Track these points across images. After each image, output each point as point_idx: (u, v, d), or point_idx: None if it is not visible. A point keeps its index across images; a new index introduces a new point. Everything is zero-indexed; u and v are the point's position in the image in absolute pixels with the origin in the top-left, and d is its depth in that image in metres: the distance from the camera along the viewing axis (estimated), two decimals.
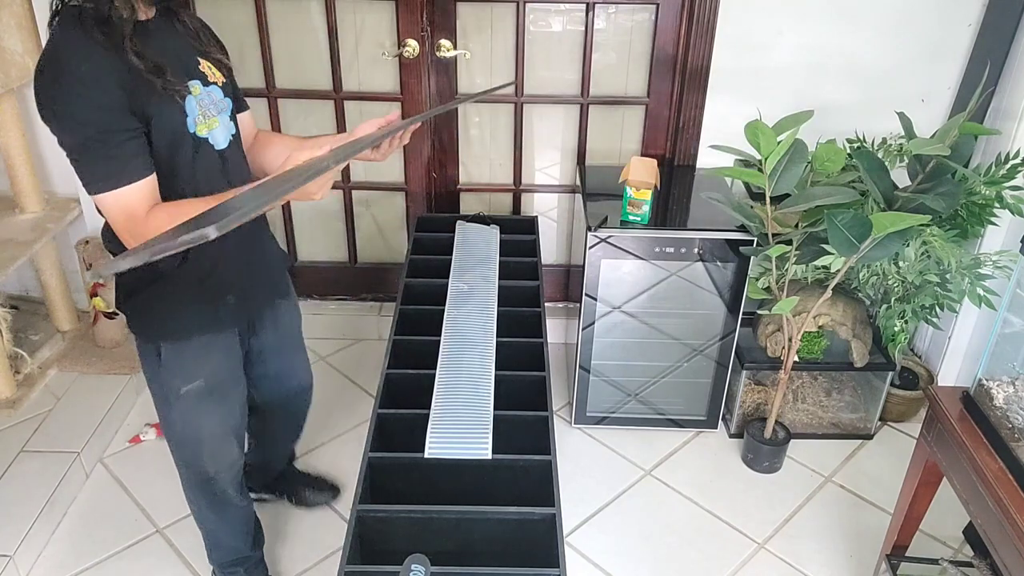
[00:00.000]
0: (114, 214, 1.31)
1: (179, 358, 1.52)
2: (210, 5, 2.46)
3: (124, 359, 2.58)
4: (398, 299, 2.13)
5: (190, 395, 1.55)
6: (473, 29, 2.49)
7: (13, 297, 2.76)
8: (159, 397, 1.59)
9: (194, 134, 1.39)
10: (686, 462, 2.40)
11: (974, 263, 2.14)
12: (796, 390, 2.52)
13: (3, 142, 2.37)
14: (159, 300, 1.47)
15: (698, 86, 2.44)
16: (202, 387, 1.55)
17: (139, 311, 1.49)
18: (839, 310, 2.29)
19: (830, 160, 1.97)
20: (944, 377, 2.56)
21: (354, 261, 2.89)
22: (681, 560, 2.07)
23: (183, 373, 1.53)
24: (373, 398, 1.83)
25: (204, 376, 1.55)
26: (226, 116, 1.47)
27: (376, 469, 1.61)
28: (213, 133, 1.43)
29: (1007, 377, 1.59)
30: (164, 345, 1.50)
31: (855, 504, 2.26)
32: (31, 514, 2.03)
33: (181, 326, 1.50)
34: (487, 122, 2.66)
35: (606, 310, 2.33)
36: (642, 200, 2.17)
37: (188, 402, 1.56)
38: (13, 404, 2.37)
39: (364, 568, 1.41)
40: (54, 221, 2.46)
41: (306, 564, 2.04)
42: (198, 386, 1.55)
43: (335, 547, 2.07)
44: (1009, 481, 1.45)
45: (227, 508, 1.78)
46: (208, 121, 1.42)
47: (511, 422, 1.69)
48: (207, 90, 1.43)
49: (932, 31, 2.34)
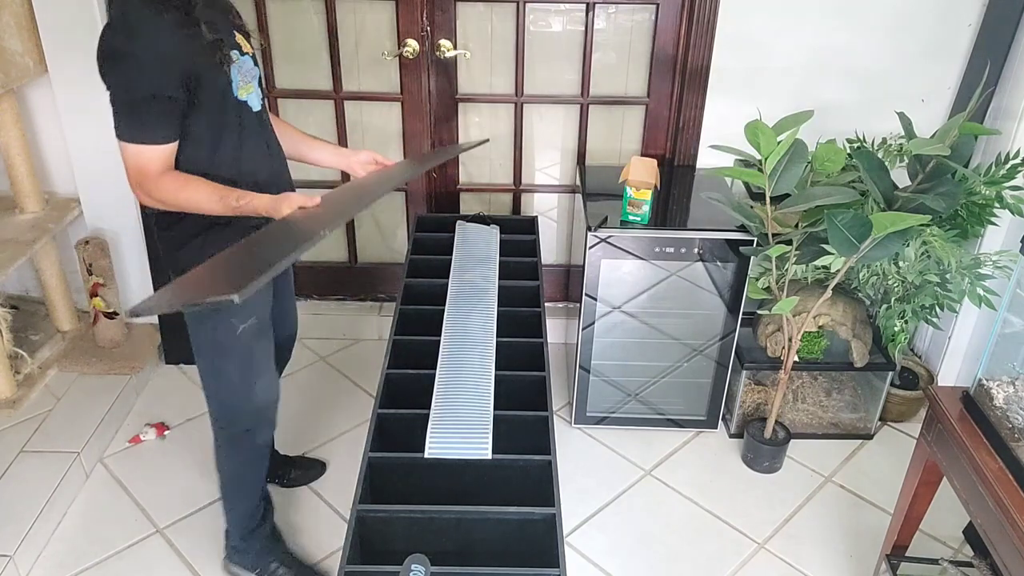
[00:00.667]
0: (130, 163, 1.48)
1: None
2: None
3: (124, 359, 2.58)
4: (398, 299, 2.13)
5: (247, 333, 1.67)
6: (473, 29, 2.50)
7: (13, 297, 2.75)
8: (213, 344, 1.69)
9: (237, 97, 1.56)
10: (686, 462, 2.40)
11: (974, 263, 2.14)
12: (796, 390, 2.52)
13: (3, 142, 2.37)
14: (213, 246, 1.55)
15: (698, 86, 2.44)
16: (255, 324, 1.69)
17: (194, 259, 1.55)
18: (839, 310, 2.29)
19: (830, 160, 1.97)
20: (944, 377, 2.56)
21: (354, 261, 2.89)
22: (681, 560, 2.07)
23: (240, 312, 1.65)
24: (373, 398, 1.83)
25: (256, 313, 1.68)
26: (256, 83, 1.63)
27: (376, 469, 1.61)
28: (250, 97, 1.59)
29: (1007, 377, 1.59)
30: None
31: (855, 504, 2.26)
32: (31, 514, 2.03)
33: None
34: (487, 122, 2.66)
35: (606, 310, 2.33)
36: (642, 200, 2.17)
37: (246, 339, 1.68)
38: (13, 404, 2.37)
39: (364, 568, 1.41)
40: (54, 221, 2.46)
41: None
42: (252, 323, 1.68)
43: (335, 547, 2.08)
44: (1009, 481, 1.45)
45: (262, 459, 1.88)
46: (246, 86, 1.58)
47: (511, 422, 1.69)
48: (243, 59, 1.58)
49: (932, 31, 2.34)
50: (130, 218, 2.54)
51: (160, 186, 1.48)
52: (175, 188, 1.48)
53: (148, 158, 1.47)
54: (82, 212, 2.56)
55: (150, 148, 1.47)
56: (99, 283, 2.51)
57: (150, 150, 1.47)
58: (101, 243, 2.50)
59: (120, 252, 2.60)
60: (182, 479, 2.27)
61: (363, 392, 2.64)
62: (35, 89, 2.43)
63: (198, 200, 1.50)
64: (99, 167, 2.46)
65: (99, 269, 2.50)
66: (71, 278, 2.65)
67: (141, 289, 2.66)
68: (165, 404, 2.56)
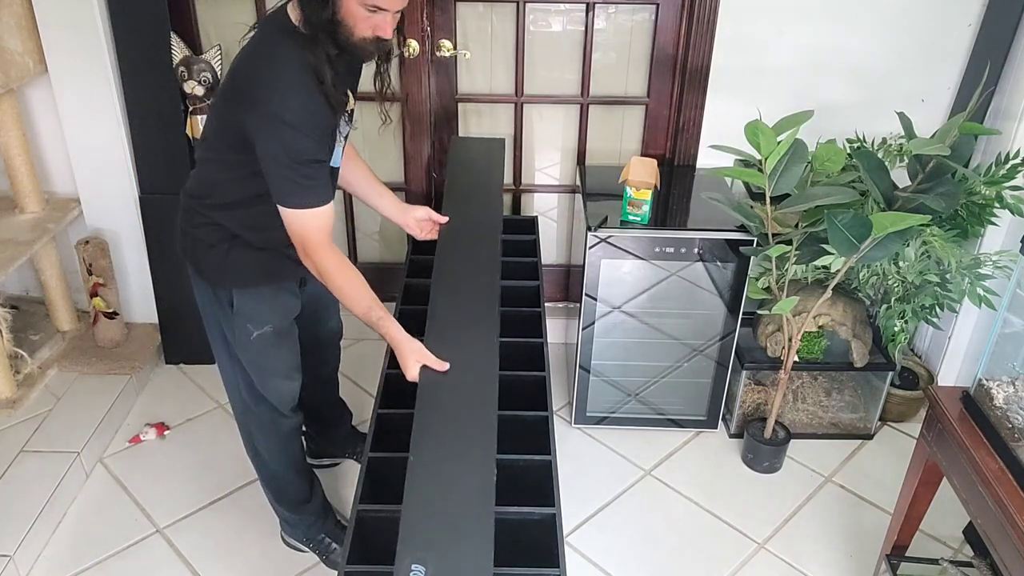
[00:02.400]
0: (308, 227, 1.51)
1: (250, 304, 1.68)
2: (210, 5, 2.46)
3: (124, 359, 2.58)
4: (398, 299, 2.13)
5: (261, 339, 1.71)
6: (473, 29, 2.50)
7: (13, 297, 2.76)
8: (229, 343, 1.73)
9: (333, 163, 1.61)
10: (686, 462, 2.40)
11: (974, 263, 2.14)
12: (796, 390, 2.52)
13: (3, 142, 2.37)
14: (238, 255, 1.64)
15: (698, 86, 2.44)
16: (270, 332, 1.72)
17: (217, 263, 1.64)
18: (839, 310, 2.29)
19: (830, 160, 1.97)
20: (944, 377, 2.56)
21: (354, 261, 2.89)
22: (681, 560, 2.07)
23: (255, 318, 1.69)
24: (373, 398, 1.83)
25: (272, 323, 1.72)
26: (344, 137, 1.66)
27: (376, 469, 1.61)
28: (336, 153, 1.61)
29: (1007, 377, 1.59)
30: (237, 292, 1.66)
31: (855, 504, 2.26)
32: (31, 514, 2.03)
33: (254, 276, 1.66)
34: (487, 122, 2.66)
35: (606, 310, 2.33)
36: (642, 200, 2.17)
37: (259, 345, 1.72)
38: (13, 404, 2.37)
39: (364, 568, 1.41)
40: (54, 221, 2.46)
41: (306, 564, 2.04)
42: (267, 331, 1.71)
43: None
44: (1009, 481, 1.45)
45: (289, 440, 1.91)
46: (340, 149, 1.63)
47: (511, 422, 1.69)
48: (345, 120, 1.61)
49: (932, 31, 2.34)
50: (130, 218, 2.54)
51: (324, 255, 1.53)
52: (334, 266, 1.54)
53: (324, 219, 1.52)
54: (82, 212, 2.56)
55: (323, 210, 1.51)
56: (99, 283, 2.51)
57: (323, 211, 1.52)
58: (101, 243, 2.50)
59: (120, 252, 2.60)
60: (182, 479, 2.28)
61: (363, 392, 2.64)
62: (35, 89, 2.43)
63: (349, 291, 1.55)
64: (99, 167, 2.46)
65: (99, 269, 2.50)
66: (71, 278, 2.65)
67: (141, 289, 2.66)
68: (165, 404, 2.56)
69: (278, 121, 1.42)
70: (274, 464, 1.92)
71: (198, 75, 2.36)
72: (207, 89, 2.39)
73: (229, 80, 1.53)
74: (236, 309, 1.67)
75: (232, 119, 1.49)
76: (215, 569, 2.02)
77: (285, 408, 1.85)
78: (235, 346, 1.73)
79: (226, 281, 1.66)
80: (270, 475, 1.95)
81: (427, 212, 1.95)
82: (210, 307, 1.72)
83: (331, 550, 2.02)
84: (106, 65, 2.31)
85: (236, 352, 1.74)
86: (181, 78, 2.36)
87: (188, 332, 2.67)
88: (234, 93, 1.49)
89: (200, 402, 2.57)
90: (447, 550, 1.21)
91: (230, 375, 1.81)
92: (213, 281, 1.67)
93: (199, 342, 2.69)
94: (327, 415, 2.27)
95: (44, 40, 2.29)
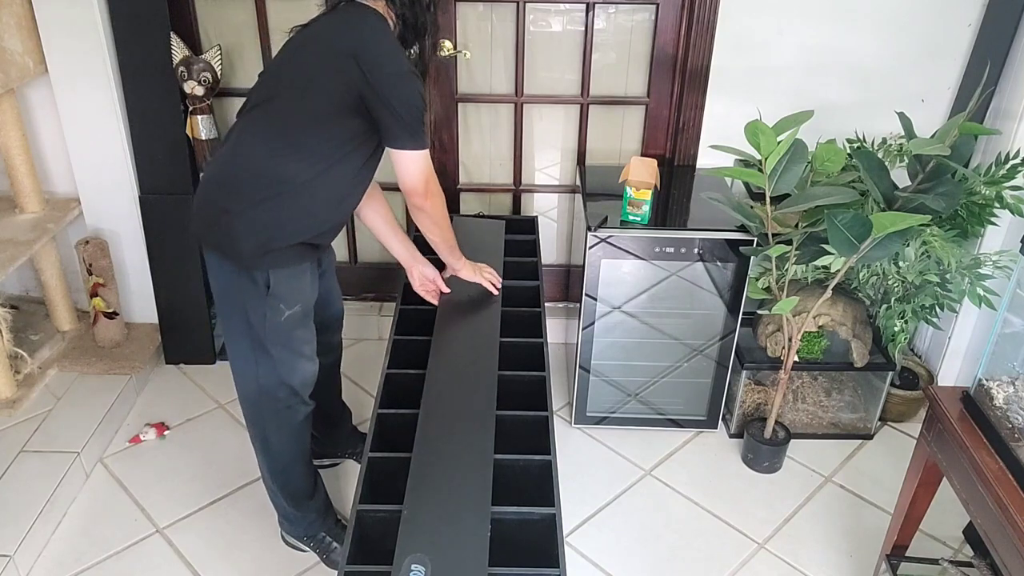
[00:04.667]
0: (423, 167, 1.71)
1: (287, 283, 1.72)
2: (210, 5, 2.46)
3: (124, 359, 2.58)
4: (398, 299, 2.13)
5: (291, 319, 1.75)
6: (473, 29, 2.50)
7: (13, 297, 2.76)
8: (259, 326, 1.74)
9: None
10: (686, 462, 2.40)
11: (974, 263, 2.14)
12: (796, 390, 2.52)
13: (3, 142, 2.37)
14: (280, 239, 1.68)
15: (698, 86, 2.44)
16: (299, 312, 1.76)
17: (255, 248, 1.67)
18: (839, 310, 2.29)
19: (830, 160, 1.97)
20: (944, 377, 2.56)
21: (354, 261, 2.89)
22: (681, 560, 2.07)
23: (288, 298, 1.73)
24: (373, 398, 1.83)
25: (302, 302, 1.77)
26: None
27: (376, 469, 1.61)
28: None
29: (1007, 377, 1.59)
30: (274, 272, 1.69)
31: (855, 504, 2.26)
32: (31, 514, 2.03)
33: (293, 257, 1.72)
34: (487, 122, 2.66)
35: (606, 310, 2.33)
36: (642, 200, 2.17)
37: (289, 325, 1.75)
38: (13, 404, 2.37)
39: (364, 568, 1.41)
40: (54, 221, 2.46)
41: (306, 564, 2.04)
42: (297, 311, 1.76)
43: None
44: (1009, 481, 1.45)
45: (301, 434, 1.91)
46: None
47: (511, 422, 1.69)
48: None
49: (932, 31, 2.34)
50: (130, 218, 2.54)
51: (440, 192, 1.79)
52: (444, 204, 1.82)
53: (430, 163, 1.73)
54: (82, 212, 2.56)
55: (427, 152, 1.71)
56: (99, 283, 2.51)
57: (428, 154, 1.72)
58: (101, 243, 2.50)
59: (120, 252, 2.60)
60: (182, 479, 2.28)
61: (363, 392, 2.64)
62: (35, 89, 2.43)
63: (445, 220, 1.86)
64: (99, 167, 2.46)
65: (99, 269, 2.50)
66: (71, 278, 2.65)
67: (141, 289, 2.66)
68: (165, 404, 2.56)
69: (408, 73, 1.61)
70: (285, 455, 1.92)
71: (198, 75, 2.36)
72: (207, 89, 2.39)
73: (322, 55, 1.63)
74: (272, 290, 1.70)
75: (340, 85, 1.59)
76: (215, 569, 2.02)
77: (305, 393, 1.87)
78: (261, 329, 1.74)
79: (264, 264, 1.69)
80: (280, 467, 1.94)
81: (436, 274, 2.06)
82: (236, 293, 1.72)
83: (331, 549, 2.02)
84: (106, 65, 2.31)
85: (261, 335, 1.74)
86: (181, 78, 2.36)
87: (188, 332, 2.67)
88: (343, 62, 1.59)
89: (200, 402, 2.57)
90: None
91: (248, 363, 1.80)
92: (250, 265, 1.68)
93: (199, 342, 2.70)
94: (332, 414, 2.27)
95: (44, 40, 2.29)
